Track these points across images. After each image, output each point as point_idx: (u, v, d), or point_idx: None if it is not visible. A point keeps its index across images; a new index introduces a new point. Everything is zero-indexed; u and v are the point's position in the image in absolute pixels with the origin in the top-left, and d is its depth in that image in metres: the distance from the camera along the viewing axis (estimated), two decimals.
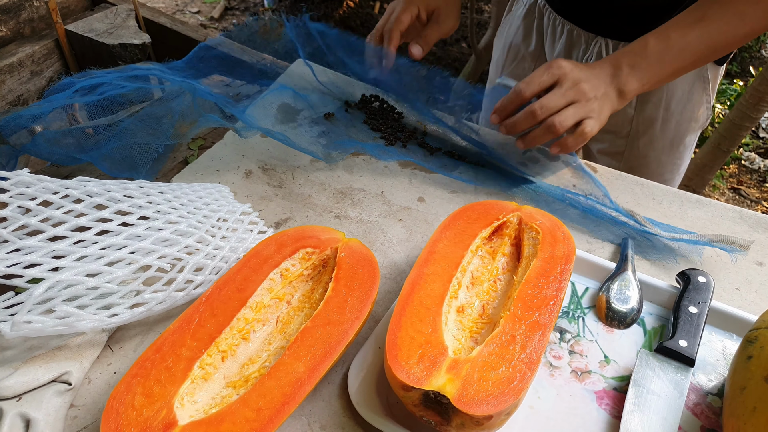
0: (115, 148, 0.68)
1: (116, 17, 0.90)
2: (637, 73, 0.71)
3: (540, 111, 0.68)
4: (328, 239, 0.56)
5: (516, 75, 1.02)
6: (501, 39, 1.05)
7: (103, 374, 0.50)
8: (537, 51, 0.98)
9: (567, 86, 0.69)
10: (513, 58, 1.02)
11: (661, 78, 0.72)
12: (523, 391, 0.44)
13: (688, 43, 0.70)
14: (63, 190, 0.52)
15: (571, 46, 0.91)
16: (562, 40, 0.91)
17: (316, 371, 0.45)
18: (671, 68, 0.72)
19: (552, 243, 0.56)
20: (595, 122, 0.69)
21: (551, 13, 0.92)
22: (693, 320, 0.55)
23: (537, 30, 0.96)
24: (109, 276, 0.48)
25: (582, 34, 0.89)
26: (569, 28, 0.90)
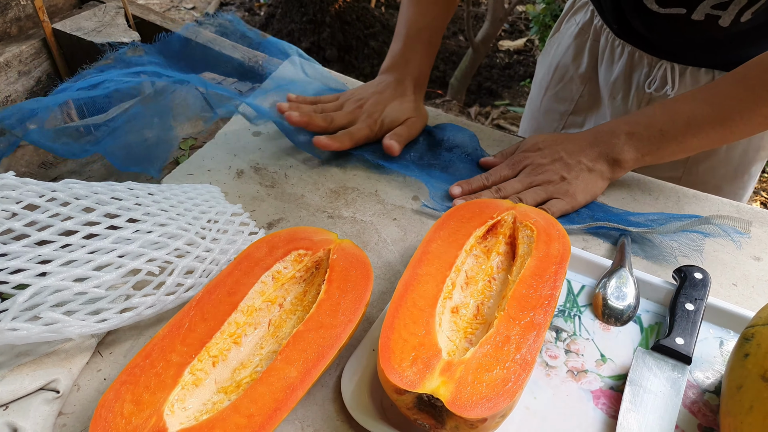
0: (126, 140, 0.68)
1: (105, 15, 0.89)
2: (635, 142, 0.68)
3: (496, 194, 0.70)
4: (320, 240, 0.55)
5: (562, 97, 0.98)
6: (547, 58, 1.01)
7: (93, 381, 0.49)
8: (588, 73, 0.93)
9: (526, 173, 0.70)
10: (559, 79, 0.97)
11: (665, 151, 0.68)
12: (517, 392, 0.43)
13: (696, 117, 0.66)
14: (49, 193, 0.51)
15: (632, 69, 0.86)
16: (622, 62, 0.86)
17: (308, 376, 0.44)
18: (676, 142, 0.67)
19: (547, 241, 0.55)
20: (563, 202, 0.68)
21: (609, 34, 0.87)
22: (690, 317, 0.54)
23: (590, 51, 0.91)
24: (96, 281, 0.47)
25: (644, 56, 0.83)
26: (630, 50, 0.84)
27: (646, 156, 0.69)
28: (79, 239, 0.49)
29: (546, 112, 1.01)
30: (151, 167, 0.68)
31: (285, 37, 2.96)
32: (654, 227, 0.66)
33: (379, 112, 0.76)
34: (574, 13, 0.95)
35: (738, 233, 0.63)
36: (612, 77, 0.88)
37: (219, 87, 0.76)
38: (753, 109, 0.65)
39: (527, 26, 3.46)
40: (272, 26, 3.03)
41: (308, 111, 0.76)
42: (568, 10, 0.97)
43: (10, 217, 0.47)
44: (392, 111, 0.76)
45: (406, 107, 0.77)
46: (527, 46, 3.34)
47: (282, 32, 2.98)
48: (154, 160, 0.69)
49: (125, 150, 0.67)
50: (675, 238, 0.65)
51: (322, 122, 0.74)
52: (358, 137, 0.74)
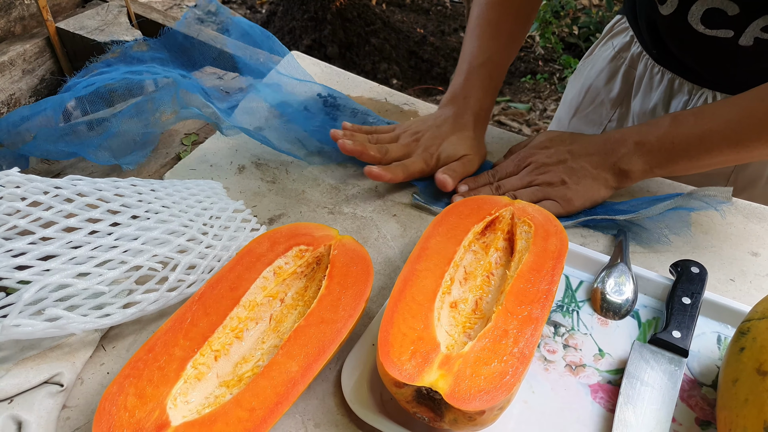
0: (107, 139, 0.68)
1: (107, 14, 0.89)
2: (644, 153, 0.66)
3: (497, 190, 0.70)
4: (321, 236, 0.56)
5: (591, 120, 0.96)
6: (579, 80, 0.99)
7: (96, 374, 0.50)
8: (620, 98, 0.91)
9: (528, 171, 0.70)
10: (590, 102, 0.96)
11: (675, 164, 0.66)
12: (515, 385, 0.44)
13: (710, 134, 0.64)
14: (53, 189, 0.52)
15: (671, 96, 0.83)
16: (661, 89, 0.84)
17: (309, 370, 0.45)
18: (687, 156, 0.65)
19: (544, 237, 0.56)
20: (559, 207, 0.67)
21: (649, 61, 0.84)
22: (686, 311, 0.55)
23: (624, 76, 0.89)
24: (99, 277, 0.48)
25: (685, 84, 0.81)
26: (670, 77, 0.82)
27: (655, 168, 0.67)
28: (83, 236, 0.49)
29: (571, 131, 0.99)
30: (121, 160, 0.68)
31: (286, 34, 2.96)
32: (640, 212, 0.66)
33: (436, 146, 0.73)
34: (612, 36, 0.93)
35: (720, 203, 0.63)
36: (650, 104, 0.86)
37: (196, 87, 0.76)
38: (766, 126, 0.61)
39: None
40: (274, 24, 3.03)
41: (362, 140, 0.73)
42: (606, 33, 0.94)
43: (14, 214, 0.48)
44: (449, 146, 0.73)
45: (464, 143, 0.74)
46: (528, 42, 3.34)
47: (283, 30, 2.98)
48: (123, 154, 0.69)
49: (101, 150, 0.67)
50: (662, 218, 0.65)
51: (377, 153, 0.71)
52: (412, 170, 0.71)
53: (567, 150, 0.71)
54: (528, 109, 2.82)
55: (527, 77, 3.04)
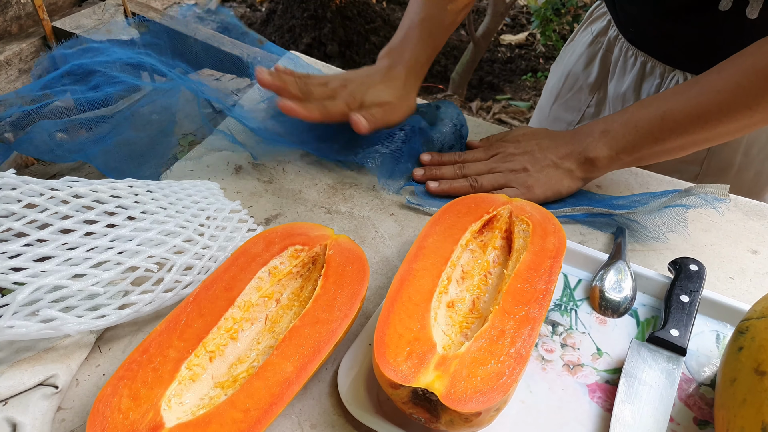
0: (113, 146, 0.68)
1: (104, 13, 0.89)
2: (608, 139, 0.66)
3: (459, 171, 0.71)
4: (317, 236, 0.55)
5: (570, 106, 0.97)
6: (560, 66, 1.00)
7: (92, 376, 0.50)
8: (597, 83, 0.92)
9: (494, 159, 0.71)
10: (570, 88, 0.96)
11: (642, 149, 0.65)
12: (512, 386, 0.43)
13: (671, 109, 0.63)
14: (48, 191, 0.51)
15: (643, 79, 0.84)
16: (633, 73, 0.85)
17: (304, 371, 0.45)
18: (652, 138, 0.64)
19: (542, 236, 0.56)
20: (519, 193, 0.68)
21: (624, 44, 0.85)
22: (684, 309, 0.54)
23: (601, 60, 0.90)
24: (94, 278, 0.48)
25: (657, 66, 0.82)
26: (643, 59, 0.83)
27: (621, 154, 0.66)
28: (78, 237, 0.49)
29: (554, 120, 1.00)
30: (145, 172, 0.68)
31: (286, 33, 2.96)
32: (637, 207, 0.65)
33: (362, 92, 0.73)
34: (591, 22, 0.94)
35: (718, 200, 0.62)
36: (623, 88, 0.86)
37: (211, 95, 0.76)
38: (731, 105, 0.60)
39: (528, 20, 3.45)
40: (273, 22, 3.03)
41: (287, 79, 0.71)
42: (586, 18, 0.96)
43: (10, 216, 0.48)
44: (375, 93, 0.73)
45: (390, 92, 0.74)
46: (528, 40, 3.33)
47: (283, 28, 2.98)
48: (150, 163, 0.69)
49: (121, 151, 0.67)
50: (659, 215, 0.65)
51: (296, 90, 0.70)
52: (332, 111, 0.70)
53: (536, 143, 0.71)
54: (529, 107, 2.82)
55: (528, 75, 3.03)
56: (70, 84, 0.73)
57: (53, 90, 0.72)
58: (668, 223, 0.65)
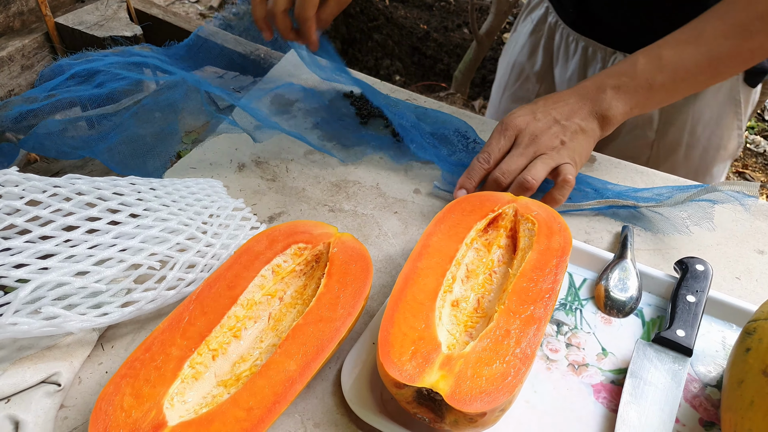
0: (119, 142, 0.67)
1: (107, 9, 0.89)
2: (623, 96, 0.65)
3: (503, 177, 0.64)
4: (320, 234, 0.55)
5: (519, 96, 0.97)
6: (506, 58, 1.00)
7: (94, 374, 0.49)
8: (543, 71, 0.93)
9: (524, 144, 0.65)
10: (516, 78, 0.97)
11: (653, 100, 0.66)
12: (517, 387, 0.43)
13: (683, 61, 0.64)
14: (51, 188, 0.51)
15: (586, 64, 0.85)
16: (576, 58, 0.85)
17: (307, 369, 0.44)
18: (664, 90, 0.65)
19: (548, 234, 0.55)
20: (572, 167, 0.64)
21: (564, 29, 0.86)
22: (691, 309, 0.54)
23: (545, 48, 0.91)
24: (97, 275, 0.47)
25: (599, 50, 0.82)
26: (584, 44, 0.84)
27: (635, 109, 0.66)
28: (81, 234, 0.49)
29: (505, 113, 1.00)
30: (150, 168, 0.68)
31: None
32: (662, 200, 0.65)
33: None
34: (530, 11, 0.95)
35: (746, 197, 0.61)
36: (567, 74, 0.87)
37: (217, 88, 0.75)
38: (740, 45, 0.62)
39: None
40: None
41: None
42: (525, 8, 0.97)
43: (13, 213, 0.48)
44: None
45: None
46: None
47: None
48: (155, 160, 0.68)
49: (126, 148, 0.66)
50: (684, 208, 0.65)
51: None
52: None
53: (553, 112, 0.66)
54: None
55: None
56: (75, 85, 0.73)
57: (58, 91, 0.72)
58: (693, 217, 0.64)
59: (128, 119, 0.67)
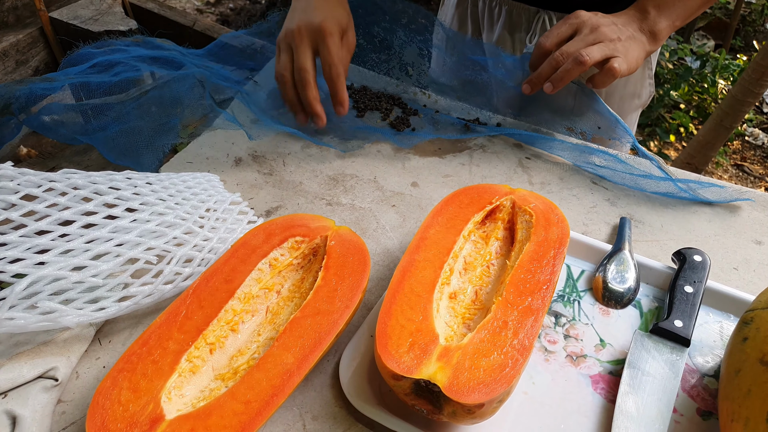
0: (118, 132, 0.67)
1: (102, 3, 0.88)
2: (664, 12, 0.71)
3: (562, 57, 0.69)
4: (317, 227, 0.55)
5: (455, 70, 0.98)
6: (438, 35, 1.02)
7: (92, 369, 0.49)
8: (474, 38, 0.95)
9: (586, 32, 0.70)
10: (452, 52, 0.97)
11: (689, 13, 0.73)
12: (515, 378, 0.43)
13: None
14: (47, 183, 0.51)
15: (512, 28, 0.89)
16: (501, 23, 0.89)
17: (305, 362, 0.44)
18: (696, 2, 0.72)
19: (545, 226, 0.55)
20: (622, 61, 0.69)
21: None
22: (688, 300, 0.54)
23: (472, 17, 0.94)
24: (94, 270, 0.47)
25: (522, 12, 0.87)
26: (507, 8, 0.88)
27: (676, 21, 0.72)
28: (77, 229, 0.49)
29: None
30: (145, 160, 0.68)
31: None
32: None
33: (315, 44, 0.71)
34: None
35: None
36: (494, 38, 0.91)
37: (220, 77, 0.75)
38: None
39: None
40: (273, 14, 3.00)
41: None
42: None
43: (8, 208, 0.47)
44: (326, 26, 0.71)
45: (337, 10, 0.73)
46: None
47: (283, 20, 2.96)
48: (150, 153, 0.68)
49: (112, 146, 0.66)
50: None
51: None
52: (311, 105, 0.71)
53: (609, 18, 0.72)
54: None
55: None
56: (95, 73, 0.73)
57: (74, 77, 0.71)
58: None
59: (132, 110, 0.67)
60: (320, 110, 0.70)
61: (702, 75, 2.53)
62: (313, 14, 0.69)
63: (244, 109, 0.77)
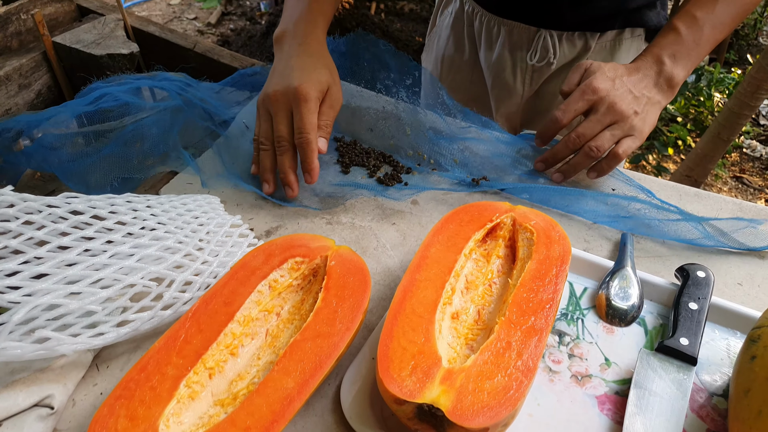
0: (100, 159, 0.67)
1: (104, 27, 0.89)
2: (680, 61, 0.71)
3: (578, 139, 0.69)
4: (317, 247, 0.54)
5: (455, 87, 0.99)
6: (430, 54, 1.03)
7: (89, 396, 0.49)
8: (472, 59, 0.96)
9: (603, 111, 0.68)
10: (449, 70, 1.00)
11: (700, 56, 0.73)
12: (519, 400, 0.42)
13: (717, 17, 0.71)
14: (46, 208, 0.51)
15: (513, 47, 0.88)
16: (500, 43, 0.89)
17: (306, 386, 0.44)
18: (708, 46, 0.73)
19: (547, 244, 0.55)
20: (635, 139, 0.69)
21: (484, 15, 0.89)
22: (693, 317, 0.53)
23: (468, 37, 0.94)
24: (92, 296, 0.47)
25: (523, 31, 0.86)
26: (507, 27, 0.87)
27: (690, 68, 0.72)
28: (76, 255, 0.48)
29: None
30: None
31: None
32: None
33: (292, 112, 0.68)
34: (445, 5, 0.98)
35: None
36: (493, 59, 0.91)
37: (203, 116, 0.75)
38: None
39: None
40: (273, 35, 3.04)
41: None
42: (439, 4, 0.99)
43: (6, 233, 0.47)
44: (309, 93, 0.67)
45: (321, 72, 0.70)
46: None
47: None
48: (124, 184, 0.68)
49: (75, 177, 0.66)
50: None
51: None
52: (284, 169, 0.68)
53: (626, 80, 0.71)
54: None
55: None
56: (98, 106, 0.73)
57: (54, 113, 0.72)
58: None
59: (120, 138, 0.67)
60: (293, 180, 0.67)
61: (698, 88, 2.54)
62: (291, 77, 0.67)
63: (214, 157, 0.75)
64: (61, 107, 0.69)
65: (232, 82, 0.83)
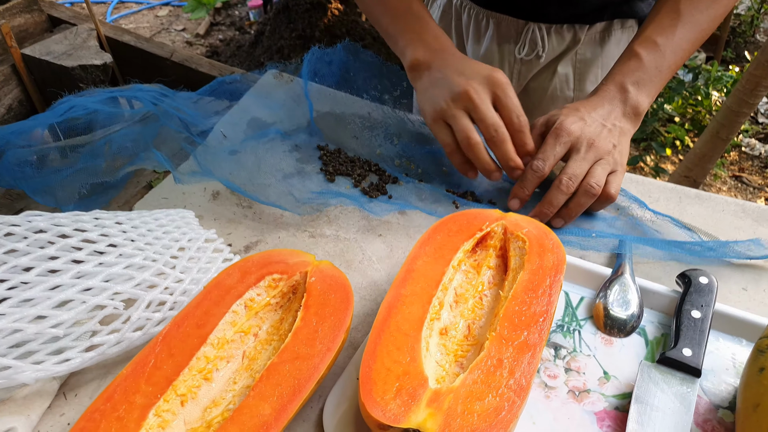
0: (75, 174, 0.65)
1: (76, 38, 0.86)
2: (643, 89, 0.69)
3: (571, 181, 0.64)
4: (296, 263, 0.51)
5: None
6: None
7: (55, 427, 0.45)
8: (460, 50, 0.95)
9: (584, 149, 0.65)
10: None
11: (663, 81, 0.71)
12: (512, 422, 0.39)
13: (677, 42, 0.70)
14: (6, 227, 0.48)
15: (501, 40, 0.88)
16: (489, 36, 0.88)
17: (283, 413, 0.41)
18: (670, 71, 0.71)
19: (540, 253, 0.52)
20: (618, 174, 0.66)
21: (472, 9, 0.88)
22: (696, 326, 0.50)
23: (456, 30, 0.93)
24: (54, 320, 0.44)
25: (511, 24, 0.86)
26: (495, 20, 0.87)
27: (654, 94, 0.71)
28: (37, 276, 0.45)
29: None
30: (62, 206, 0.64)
31: (275, 53, 2.95)
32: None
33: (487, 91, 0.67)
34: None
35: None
36: (481, 52, 0.90)
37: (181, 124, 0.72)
38: (714, 11, 0.71)
39: None
40: (262, 44, 3.02)
41: None
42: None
43: None
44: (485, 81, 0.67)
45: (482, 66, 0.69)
46: None
47: (272, 49, 2.97)
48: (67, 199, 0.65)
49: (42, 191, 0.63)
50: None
51: None
52: None
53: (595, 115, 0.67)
54: None
55: None
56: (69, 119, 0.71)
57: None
58: None
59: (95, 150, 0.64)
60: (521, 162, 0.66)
61: (695, 87, 2.52)
62: (475, 69, 0.67)
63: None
64: (30, 120, 0.66)
65: (210, 90, 0.80)
